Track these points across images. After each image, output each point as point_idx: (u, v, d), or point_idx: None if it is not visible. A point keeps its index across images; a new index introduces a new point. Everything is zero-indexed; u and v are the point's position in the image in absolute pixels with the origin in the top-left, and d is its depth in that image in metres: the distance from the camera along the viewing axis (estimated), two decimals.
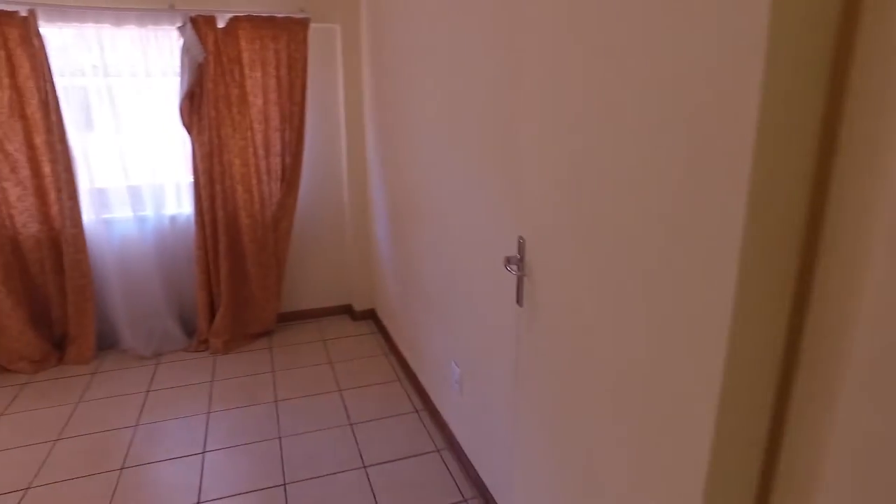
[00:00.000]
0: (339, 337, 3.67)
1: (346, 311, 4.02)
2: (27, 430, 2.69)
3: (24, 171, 3.08)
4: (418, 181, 2.62)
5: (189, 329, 3.59)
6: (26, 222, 3.16)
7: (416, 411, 2.81)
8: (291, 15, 3.21)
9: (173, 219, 3.45)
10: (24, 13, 2.85)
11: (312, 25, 3.28)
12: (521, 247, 1.48)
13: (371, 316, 3.93)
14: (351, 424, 2.70)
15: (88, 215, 3.22)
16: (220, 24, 3.08)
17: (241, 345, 3.54)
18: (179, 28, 3.01)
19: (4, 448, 2.57)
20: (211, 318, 3.49)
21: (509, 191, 1.73)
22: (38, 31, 2.87)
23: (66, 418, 2.79)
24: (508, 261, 1.51)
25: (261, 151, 3.36)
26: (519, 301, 1.52)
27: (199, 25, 3.02)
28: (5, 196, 3.09)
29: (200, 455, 2.50)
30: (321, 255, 3.86)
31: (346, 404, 2.88)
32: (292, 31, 3.22)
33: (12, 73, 2.94)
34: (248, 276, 3.49)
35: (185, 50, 3.01)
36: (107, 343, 3.46)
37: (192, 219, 3.36)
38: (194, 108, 3.16)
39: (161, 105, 3.25)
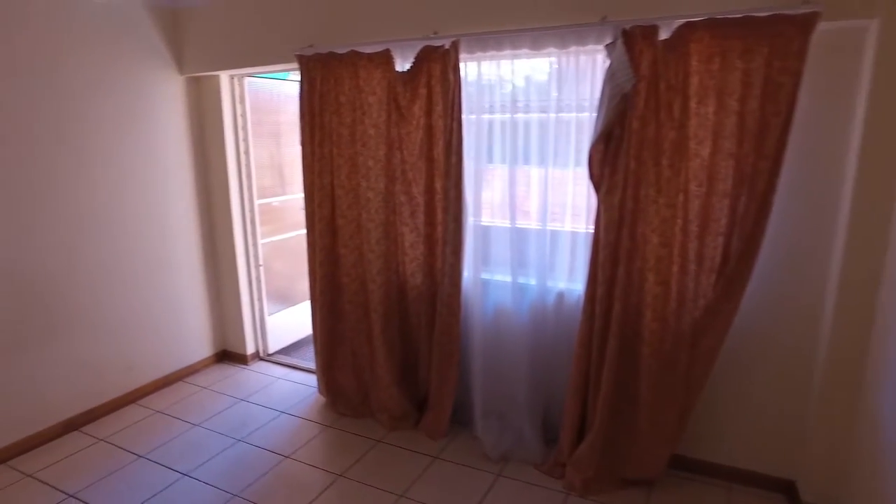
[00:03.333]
0: None
1: (784, 490, 2.44)
2: None
3: (420, 217, 2.80)
4: None
5: (549, 436, 2.75)
6: (414, 272, 2.89)
7: None
8: (783, 11, 1.93)
9: (561, 295, 2.66)
10: (447, 46, 2.51)
11: (819, 26, 1.93)
12: None
13: None
14: None
15: (467, 272, 2.74)
16: (664, 36, 2.08)
17: (606, 489, 2.47)
18: (608, 46, 2.16)
19: None
20: (577, 439, 2.55)
21: None
22: (456, 64, 2.49)
23: None
24: None
25: (693, 226, 2.20)
26: None
27: (633, 40, 2.09)
28: (402, 241, 2.88)
29: None
30: (758, 391, 2.42)
31: None
32: (781, 39, 1.94)
33: (429, 112, 2.66)
34: (638, 401, 2.40)
35: (610, 76, 2.13)
36: (461, 419, 2.95)
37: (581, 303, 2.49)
38: (608, 156, 2.25)
39: (569, 148, 2.50)
